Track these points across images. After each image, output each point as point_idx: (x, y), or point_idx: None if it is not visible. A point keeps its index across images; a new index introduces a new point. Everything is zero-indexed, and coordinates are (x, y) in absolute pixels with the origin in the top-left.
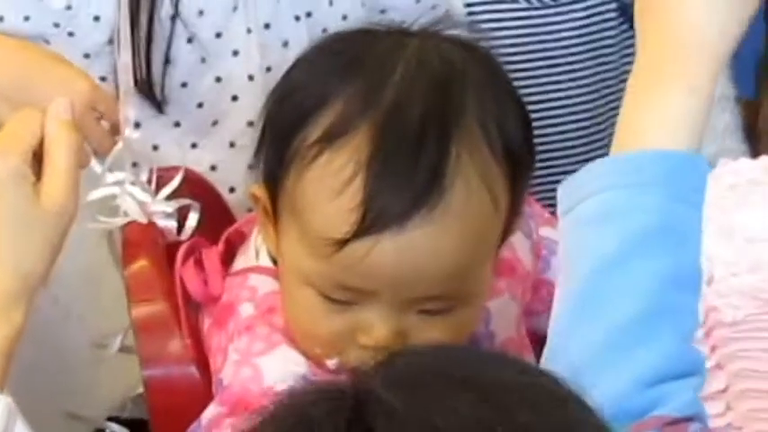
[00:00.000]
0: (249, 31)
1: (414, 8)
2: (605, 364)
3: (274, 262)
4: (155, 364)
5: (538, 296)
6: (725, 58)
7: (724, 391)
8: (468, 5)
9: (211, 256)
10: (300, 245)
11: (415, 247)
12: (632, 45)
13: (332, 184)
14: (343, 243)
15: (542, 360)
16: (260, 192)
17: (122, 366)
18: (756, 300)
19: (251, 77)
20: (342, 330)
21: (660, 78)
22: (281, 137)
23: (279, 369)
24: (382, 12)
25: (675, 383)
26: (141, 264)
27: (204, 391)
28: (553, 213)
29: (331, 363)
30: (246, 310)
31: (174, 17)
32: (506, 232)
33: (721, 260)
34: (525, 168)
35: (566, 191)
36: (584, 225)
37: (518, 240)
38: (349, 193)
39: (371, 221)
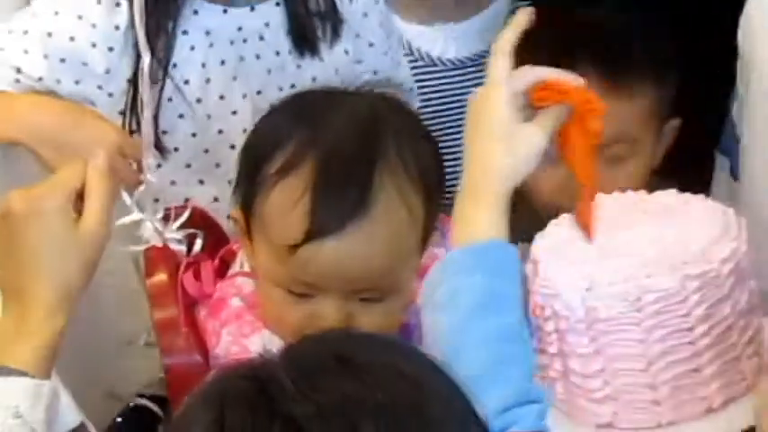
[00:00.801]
0: (245, 96)
1: (384, 86)
2: None
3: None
4: (171, 355)
5: None
6: (516, 183)
7: (602, 370)
8: None
9: (207, 266)
10: (268, 252)
11: (349, 249)
12: None
13: (286, 203)
14: (295, 248)
15: None
16: (237, 215)
17: (147, 357)
18: (625, 301)
19: (245, 131)
20: (303, 317)
21: (474, 197)
22: (251, 171)
23: (259, 345)
24: None
25: (523, 409)
26: (159, 278)
27: (207, 373)
28: None
29: None
30: (235, 302)
31: (186, 82)
32: (425, 240)
33: (599, 273)
34: (437, 189)
35: (425, 286)
36: (433, 311)
37: (440, 253)
38: (298, 209)
39: (315, 230)
